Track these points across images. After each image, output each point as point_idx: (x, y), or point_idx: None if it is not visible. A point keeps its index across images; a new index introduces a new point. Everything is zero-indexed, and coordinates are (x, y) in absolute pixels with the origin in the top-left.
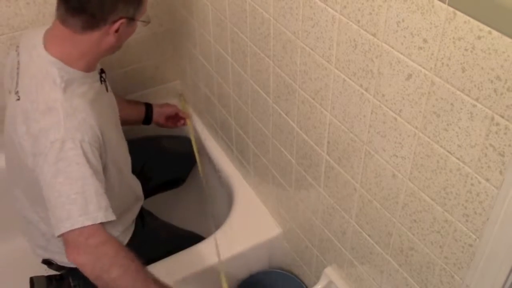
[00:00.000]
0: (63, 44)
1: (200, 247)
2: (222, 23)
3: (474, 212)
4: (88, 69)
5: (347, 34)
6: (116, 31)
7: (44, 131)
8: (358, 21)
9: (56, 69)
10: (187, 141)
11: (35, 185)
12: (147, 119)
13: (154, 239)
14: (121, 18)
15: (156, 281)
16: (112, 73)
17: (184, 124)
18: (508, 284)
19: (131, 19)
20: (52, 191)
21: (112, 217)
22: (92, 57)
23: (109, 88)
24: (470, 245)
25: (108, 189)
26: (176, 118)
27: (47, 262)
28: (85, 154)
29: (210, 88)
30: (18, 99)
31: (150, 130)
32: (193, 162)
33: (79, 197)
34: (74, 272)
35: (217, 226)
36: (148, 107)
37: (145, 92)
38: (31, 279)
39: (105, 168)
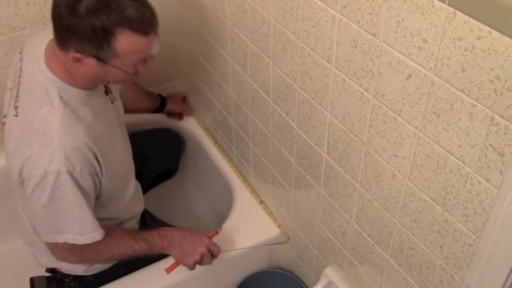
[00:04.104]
0: (57, 59)
1: None
2: (222, 23)
3: (474, 212)
4: (89, 87)
5: (347, 34)
6: (77, 61)
7: (37, 156)
8: (358, 21)
9: (56, 89)
10: (170, 132)
11: (24, 200)
12: (158, 111)
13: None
14: (77, 51)
15: (136, 239)
16: None
17: (180, 119)
18: (508, 284)
19: (100, 60)
20: (50, 211)
21: (103, 232)
22: (83, 79)
23: (115, 96)
24: (470, 245)
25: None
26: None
27: (52, 271)
28: (77, 183)
29: (210, 88)
30: (16, 115)
31: (135, 125)
32: (181, 151)
33: (76, 220)
34: (76, 276)
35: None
36: (163, 101)
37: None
38: (31, 280)
39: (101, 187)
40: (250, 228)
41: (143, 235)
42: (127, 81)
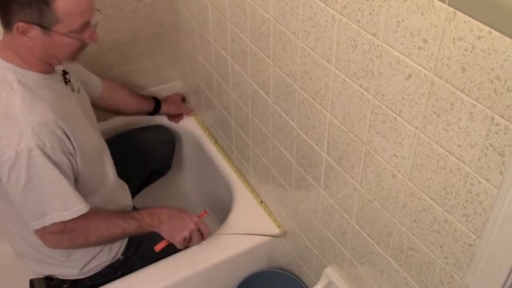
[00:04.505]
0: (8, 47)
1: (200, 246)
2: (222, 23)
3: (474, 212)
4: (44, 70)
5: (347, 34)
6: (23, 33)
7: (6, 140)
8: (358, 21)
9: (12, 74)
10: (160, 128)
11: (3, 196)
12: (153, 113)
13: (153, 242)
14: (20, 21)
15: (125, 218)
16: (112, 73)
17: (180, 119)
18: (508, 284)
19: (44, 28)
20: (31, 193)
21: (89, 206)
22: (35, 59)
23: (77, 88)
24: (470, 245)
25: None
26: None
27: (49, 279)
28: (50, 159)
29: (210, 88)
30: None
31: (121, 127)
32: (173, 146)
33: (57, 196)
34: (72, 281)
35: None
36: (157, 103)
37: (145, 92)
38: (31, 281)
39: (79, 170)
40: (250, 228)
41: (132, 214)
42: (76, 54)
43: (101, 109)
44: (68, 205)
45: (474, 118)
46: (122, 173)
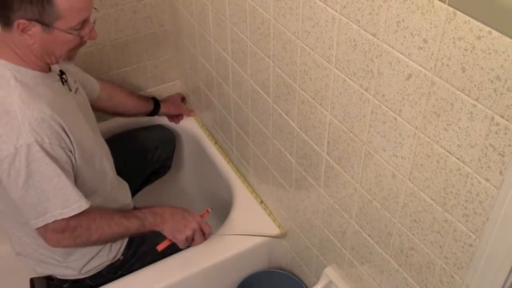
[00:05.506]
0: (6, 45)
1: (200, 246)
2: (222, 23)
3: (474, 212)
4: (41, 69)
5: (347, 34)
6: (23, 31)
7: (5, 136)
8: (358, 21)
9: (9, 71)
10: (161, 128)
11: (2, 195)
12: (152, 113)
13: (153, 242)
14: (20, 18)
15: (127, 216)
16: (112, 73)
17: (180, 120)
18: (508, 284)
19: (45, 25)
20: (31, 190)
21: (89, 202)
22: (32, 57)
23: (75, 89)
24: (470, 245)
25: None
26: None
27: (50, 279)
28: (49, 155)
29: (210, 88)
30: None
31: (121, 127)
32: (174, 145)
33: (58, 193)
34: (73, 280)
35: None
36: (157, 104)
37: (145, 92)
38: (31, 280)
39: (78, 168)
40: (250, 228)
41: (134, 213)
42: (73, 52)
43: (100, 111)
44: (69, 202)
45: (474, 118)
46: (122, 172)
